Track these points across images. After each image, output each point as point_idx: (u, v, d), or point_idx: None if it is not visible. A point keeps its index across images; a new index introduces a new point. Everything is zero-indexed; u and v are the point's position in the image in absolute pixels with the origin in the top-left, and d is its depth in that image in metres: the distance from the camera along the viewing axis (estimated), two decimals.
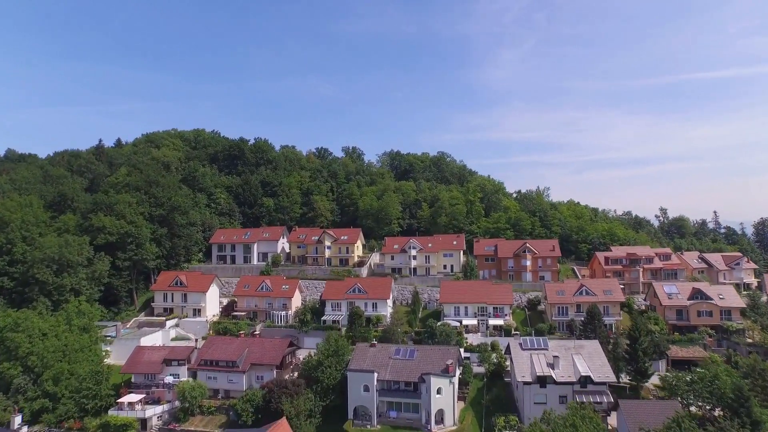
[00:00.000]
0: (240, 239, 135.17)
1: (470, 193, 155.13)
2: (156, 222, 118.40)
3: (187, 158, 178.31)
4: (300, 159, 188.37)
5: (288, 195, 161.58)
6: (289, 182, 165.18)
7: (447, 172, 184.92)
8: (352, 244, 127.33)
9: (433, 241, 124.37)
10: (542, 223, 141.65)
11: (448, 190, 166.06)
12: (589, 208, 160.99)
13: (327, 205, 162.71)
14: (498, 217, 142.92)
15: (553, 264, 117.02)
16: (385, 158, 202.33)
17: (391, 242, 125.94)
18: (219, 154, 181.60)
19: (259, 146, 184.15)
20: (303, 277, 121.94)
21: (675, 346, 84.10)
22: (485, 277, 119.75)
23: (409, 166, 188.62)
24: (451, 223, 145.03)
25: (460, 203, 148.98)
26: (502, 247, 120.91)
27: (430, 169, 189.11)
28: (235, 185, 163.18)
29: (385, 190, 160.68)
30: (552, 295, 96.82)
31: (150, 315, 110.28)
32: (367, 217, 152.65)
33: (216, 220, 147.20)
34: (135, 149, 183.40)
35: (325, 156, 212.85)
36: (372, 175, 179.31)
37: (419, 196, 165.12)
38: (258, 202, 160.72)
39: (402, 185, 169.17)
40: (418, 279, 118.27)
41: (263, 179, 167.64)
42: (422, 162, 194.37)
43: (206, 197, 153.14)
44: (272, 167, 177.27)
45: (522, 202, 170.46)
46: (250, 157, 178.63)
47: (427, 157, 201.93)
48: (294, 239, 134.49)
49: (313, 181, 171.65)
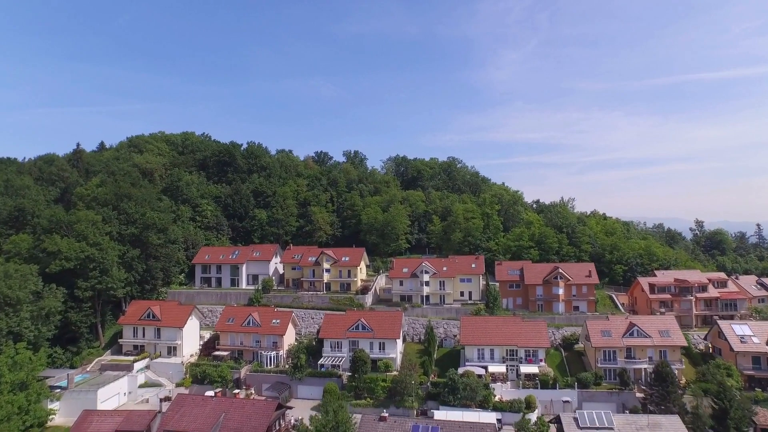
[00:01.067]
0: (227, 259, 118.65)
1: (486, 205, 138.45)
2: (127, 242, 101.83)
3: (173, 164, 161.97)
4: (297, 165, 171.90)
5: (283, 206, 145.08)
6: (284, 192, 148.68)
7: (459, 180, 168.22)
8: (355, 266, 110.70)
9: (448, 264, 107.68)
10: (570, 240, 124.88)
11: (461, 201, 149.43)
12: (620, 222, 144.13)
13: (326, 218, 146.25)
14: (520, 233, 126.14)
15: (590, 292, 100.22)
16: (390, 164, 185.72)
17: (399, 265, 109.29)
18: (208, 160, 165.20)
19: (251, 151, 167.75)
20: (298, 305, 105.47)
21: (760, 407, 67.29)
22: (509, 307, 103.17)
23: (417, 173, 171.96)
24: (466, 240, 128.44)
25: (476, 217, 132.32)
26: (530, 271, 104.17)
27: (440, 176, 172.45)
28: (224, 195, 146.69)
29: (391, 202, 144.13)
30: (596, 337, 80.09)
31: (118, 353, 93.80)
32: (371, 231, 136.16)
33: (201, 235, 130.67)
34: (117, 154, 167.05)
35: (324, 161, 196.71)
36: (376, 183, 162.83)
37: (429, 208, 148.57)
38: (249, 214, 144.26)
39: (409, 195, 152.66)
40: (431, 309, 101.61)
41: (256, 188, 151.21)
42: (431, 168, 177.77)
43: (191, 210, 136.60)
44: (266, 174, 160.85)
45: (544, 214, 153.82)
46: (242, 163, 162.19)
47: (436, 162, 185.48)
48: (288, 260, 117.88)
49: (311, 190, 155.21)
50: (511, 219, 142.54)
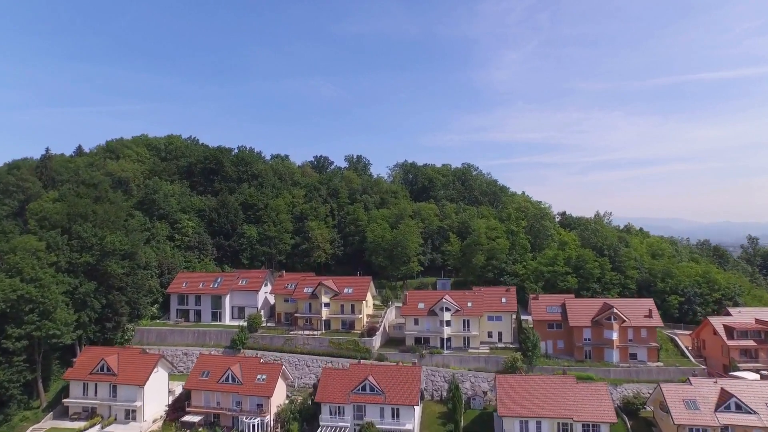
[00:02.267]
0: (207, 288, 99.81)
1: (512, 221, 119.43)
2: (81, 273, 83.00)
3: (153, 172, 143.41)
4: (293, 173, 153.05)
5: (276, 222, 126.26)
6: (278, 205, 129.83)
7: (476, 190, 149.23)
8: (360, 301, 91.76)
9: (473, 299, 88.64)
10: (613, 264, 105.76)
11: (479, 215, 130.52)
12: (665, 240, 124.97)
13: (326, 235, 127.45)
14: (554, 256, 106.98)
15: (651, 336, 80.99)
16: (398, 171, 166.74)
17: (414, 299, 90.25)
18: (194, 167, 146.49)
19: (242, 157, 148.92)
20: (290, 349, 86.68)
21: None
22: (549, 352, 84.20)
23: (429, 181, 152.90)
24: (490, 263, 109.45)
25: (501, 235, 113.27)
26: (574, 309, 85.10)
27: (454, 185, 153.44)
28: (209, 208, 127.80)
29: (400, 217, 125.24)
30: (678, 409, 61.06)
31: (64, 416, 75.00)
32: (377, 251, 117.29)
33: (180, 257, 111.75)
34: (91, 160, 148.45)
35: (324, 166, 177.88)
36: (382, 193, 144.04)
37: (444, 223, 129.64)
38: (237, 231, 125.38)
39: (421, 208, 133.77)
40: (454, 356, 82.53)
41: (245, 200, 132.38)
42: (444, 176, 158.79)
43: (168, 227, 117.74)
44: (257, 184, 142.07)
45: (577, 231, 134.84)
46: (231, 171, 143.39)
47: (449, 169, 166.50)
48: (280, 290, 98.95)
49: (308, 202, 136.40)
50: (539, 236, 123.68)
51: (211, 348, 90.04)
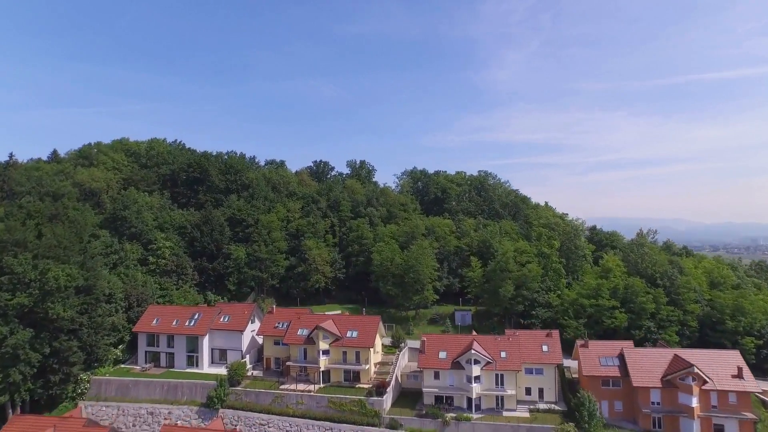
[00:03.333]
0: (182, 327, 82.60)
1: (543, 242, 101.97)
2: (12, 319, 65.82)
3: (130, 182, 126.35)
4: (289, 182, 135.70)
5: (267, 241, 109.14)
6: (270, 221, 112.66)
7: (496, 202, 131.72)
8: (366, 348, 74.30)
9: (508, 347, 71.14)
10: (668, 296, 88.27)
11: (503, 233, 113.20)
12: (723, 264, 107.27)
13: (325, 255, 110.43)
14: (597, 286, 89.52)
15: (743, 404, 63.23)
16: (406, 180, 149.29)
17: (433, 346, 72.70)
18: (177, 176, 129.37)
19: (230, 164, 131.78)
20: (280, 410, 69.54)
21: None
22: (604, 417, 66.66)
23: (442, 192, 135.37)
24: (520, 294, 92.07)
25: (532, 260, 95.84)
26: (636, 362, 67.53)
27: (470, 196, 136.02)
28: (191, 225, 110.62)
29: (412, 235, 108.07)
30: None
31: None
32: (385, 278, 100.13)
33: (153, 285, 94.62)
34: (60, 168, 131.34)
35: (324, 172, 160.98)
36: (390, 205, 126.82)
37: (462, 242, 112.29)
38: (223, 251, 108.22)
39: (435, 224, 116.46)
40: (486, 423, 65.01)
41: (233, 214, 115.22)
42: (458, 186, 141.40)
43: (141, 248, 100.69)
44: (248, 195, 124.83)
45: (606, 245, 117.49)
46: (218, 180, 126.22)
47: (464, 177, 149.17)
48: (269, 329, 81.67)
49: (305, 216, 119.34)
50: (570, 257, 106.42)
51: (183, 405, 73.03)
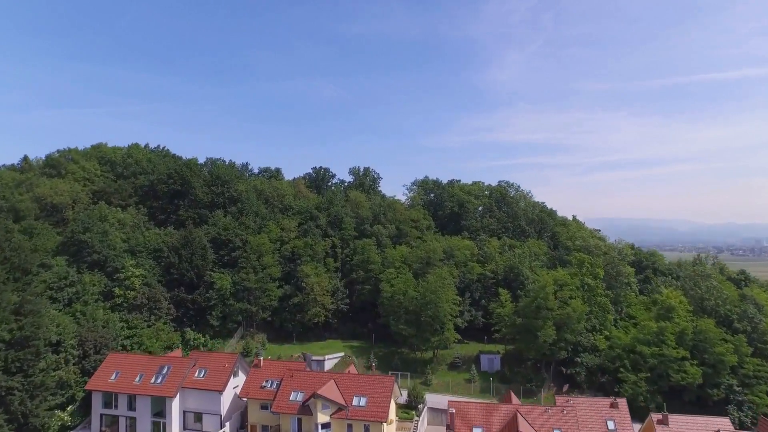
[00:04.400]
0: (146, 385, 66.10)
1: (585, 272, 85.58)
2: None
3: (102, 195, 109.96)
4: (284, 194, 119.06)
5: (257, 267, 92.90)
6: (261, 243, 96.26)
7: (522, 218, 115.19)
8: (378, 422, 57.84)
9: (562, 423, 54.79)
10: (752, 343, 71.84)
11: (535, 260, 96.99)
12: None
13: (325, 283, 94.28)
14: (659, 329, 73.02)
15: None
16: (418, 192, 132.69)
17: (464, 419, 56.17)
18: (155, 188, 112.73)
19: (217, 175, 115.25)
20: None
21: None
22: None
23: (459, 207, 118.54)
24: (563, 338, 75.67)
25: (575, 294, 79.37)
26: None
27: (492, 211, 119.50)
28: (169, 247, 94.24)
29: (428, 261, 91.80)
30: None
31: None
32: (396, 314, 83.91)
33: (116, 325, 78.27)
34: (23, 177, 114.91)
35: (323, 179, 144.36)
36: (399, 222, 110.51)
37: (487, 269, 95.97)
38: (205, 279, 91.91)
39: (453, 246, 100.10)
40: None
41: (217, 234, 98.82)
42: (476, 198, 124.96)
43: (106, 279, 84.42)
44: (236, 211, 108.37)
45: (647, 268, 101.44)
46: (201, 193, 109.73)
47: (480, 187, 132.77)
48: (254, 389, 65.20)
49: (302, 236, 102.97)
50: (613, 286, 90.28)
51: None
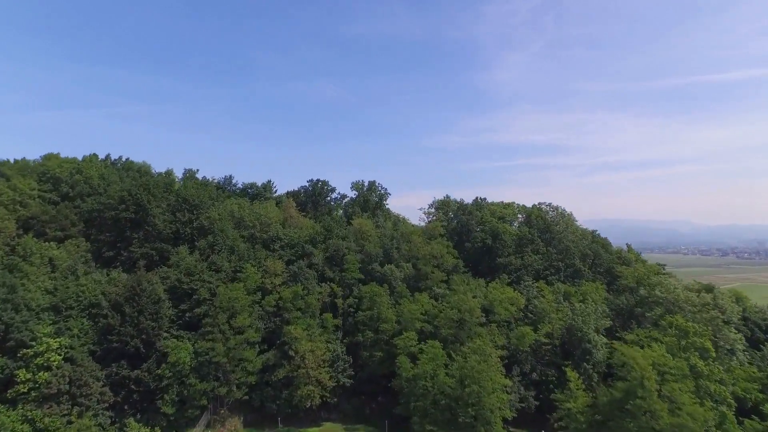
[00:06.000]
0: None
1: (684, 342, 60.72)
2: None
3: (30, 225, 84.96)
4: (268, 223, 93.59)
5: (227, 332, 67.93)
6: (235, 296, 71.11)
7: (574, 254, 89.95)
8: None
9: None
10: None
11: (604, 320, 72.37)
12: None
13: (321, 351, 69.62)
14: None
15: None
16: (437, 216, 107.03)
17: None
18: (103, 215, 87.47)
19: (184, 197, 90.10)
20: None
21: None
22: None
23: (493, 238, 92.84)
24: None
25: (685, 388, 54.52)
26: None
27: (533, 242, 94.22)
28: (109, 303, 69.18)
29: (460, 324, 67.23)
30: None
31: None
32: (421, 407, 59.14)
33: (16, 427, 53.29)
34: None
35: (321, 195, 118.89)
36: (417, 259, 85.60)
37: (540, 333, 71.18)
38: (156, 348, 66.96)
39: (494, 297, 75.18)
40: None
41: (177, 283, 73.75)
42: (508, 222, 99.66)
43: (4, 360, 59.44)
44: (206, 246, 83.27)
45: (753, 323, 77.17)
46: (161, 222, 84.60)
47: (514, 210, 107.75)
48: None
49: (291, 281, 77.97)
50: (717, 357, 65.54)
51: None
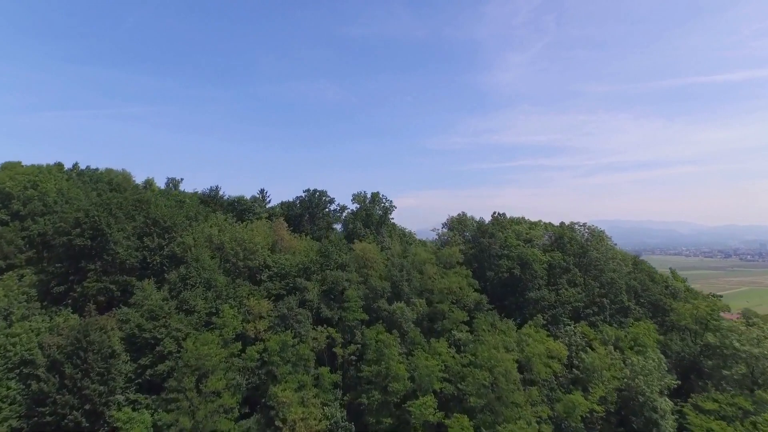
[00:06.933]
0: None
1: None
2: None
3: None
4: (254, 250, 78.37)
5: (197, 400, 53.05)
6: (205, 352, 56.22)
7: (620, 288, 74.89)
8: None
9: None
10: None
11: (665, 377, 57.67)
12: None
13: (316, 421, 54.72)
14: None
15: None
16: (453, 239, 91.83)
17: None
18: (55, 240, 72.49)
19: (155, 218, 75.04)
20: None
21: None
22: None
23: (520, 266, 77.58)
24: None
25: None
26: None
27: (568, 271, 78.99)
28: (48, 357, 54.32)
29: (493, 388, 52.31)
30: None
31: None
32: None
33: None
34: None
35: (318, 207, 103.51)
36: (430, 291, 70.77)
37: (591, 400, 56.32)
38: (105, 421, 52.02)
39: (533, 351, 60.45)
40: None
41: (137, 329, 58.89)
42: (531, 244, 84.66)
43: None
44: (178, 279, 68.28)
45: None
46: (124, 250, 69.57)
47: (539, 230, 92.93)
48: None
49: (279, 324, 63.22)
50: None
51: None
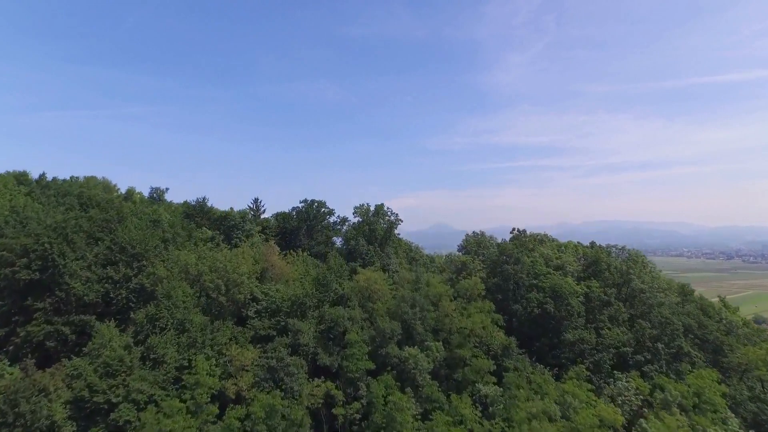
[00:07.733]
0: None
1: None
2: None
3: None
4: (240, 282, 65.81)
5: None
6: (171, 427, 44.16)
7: (676, 330, 62.61)
8: None
9: None
10: None
11: None
12: None
13: None
14: None
15: None
16: (474, 267, 79.05)
17: None
18: (2, 268, 60.20)
19: (123, 243, 62.78)
20: None
21: None
22: None
23: (554, 298, 65.34)
24: None
25: None
26: None
27: (609, 304, 66.70)
28: None
29: None
30: None
31: None
32: None
33: None
34: None
35: (317, 219, 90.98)
36: (449, 332, 58.54)
37: None
38: None
39: (582, 422, 48.07)
40: None
41: (86, 391, 46.70)
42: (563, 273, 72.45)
43: None
44: (147, 319, 56.02)
45: None
46: (81, 286, 57.38)
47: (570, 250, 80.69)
48: None
49: (264, 385, 50.88)
50: None
51: None
